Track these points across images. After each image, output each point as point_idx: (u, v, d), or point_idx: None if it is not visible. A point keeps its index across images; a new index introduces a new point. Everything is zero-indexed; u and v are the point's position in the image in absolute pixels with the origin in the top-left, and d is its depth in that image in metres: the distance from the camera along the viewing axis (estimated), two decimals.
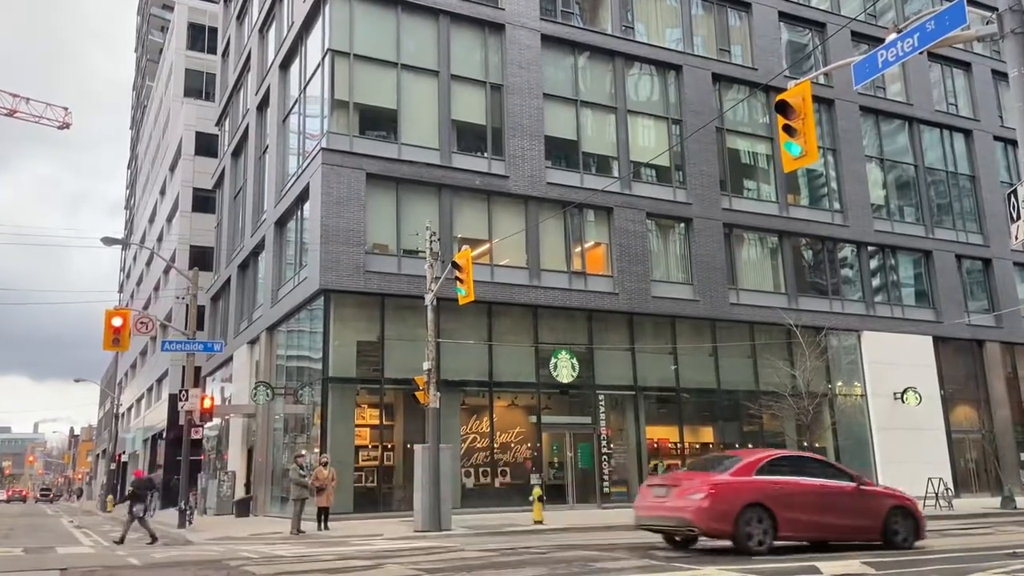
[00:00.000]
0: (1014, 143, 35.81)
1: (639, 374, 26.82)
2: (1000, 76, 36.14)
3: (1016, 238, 8.34)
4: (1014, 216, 8.32)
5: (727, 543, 12.25)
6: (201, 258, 41.40)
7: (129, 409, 63.44)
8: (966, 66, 36.36)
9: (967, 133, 35.62)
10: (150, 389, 53.20)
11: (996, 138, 36.09)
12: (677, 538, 13.07)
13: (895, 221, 33.01)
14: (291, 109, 28.75)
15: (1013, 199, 8.29)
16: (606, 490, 25.40)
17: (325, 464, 20.15)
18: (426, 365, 19.74)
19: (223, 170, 39.05)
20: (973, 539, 15.03)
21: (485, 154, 26.09)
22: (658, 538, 13.59)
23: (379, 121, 25.46)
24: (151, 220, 59.74)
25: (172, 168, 51.02)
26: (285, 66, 29.51)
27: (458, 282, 19.33)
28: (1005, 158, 36.62)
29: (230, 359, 34.08)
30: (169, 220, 50.61)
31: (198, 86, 51.82)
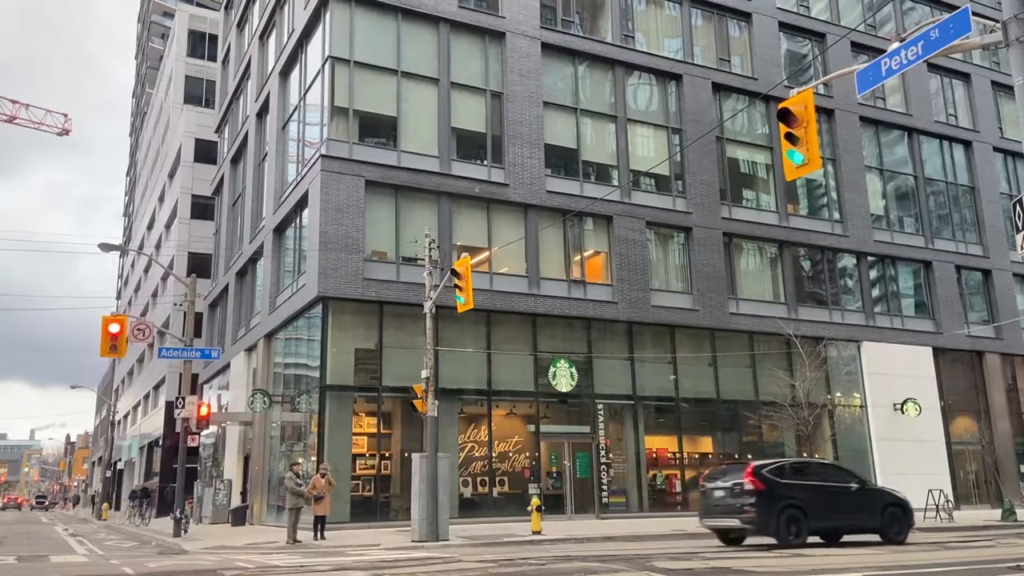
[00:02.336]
0: (1014, 154, 35.96)
1: (638, 383, 26.71)
2: (1000, 87, 36.21)
3: (1020, 247, 8.26)
4: (1019, 226, 8.24)
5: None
6: (199, 265, 41.29)
7: (126, 416, 63.21)
8: (966, 77, 36.40)
9: (967, 144, 35.63)
10: (147, 396, 53.01)
11: (996, 149, 36.10)
12: None
13: (895, 231, 32.97)
14: (291, 116, 28.71)
15: (1018, 208, 8.21)
16: (605, 500, 25.25)
17: (323, 473, 20.01)
18: (424, 373, 19.62)
19: (222, 177, 39.00)
20: (975, 552, 14.89)
21: (485, 162, 26.05)
22: (660, 549, 13.45)
23: (379, 128, 25.42)
24: (150, 227, 59.66)
25: (171, 175, 50.98)
26: (285, 73, 29.49)
27: (457, 290, 19.23)
28: (1005, 169, 36.64)
29: (227, 366, 33.94)
30: (168, 227, 50.55)
31: (198, 93, 51.82)
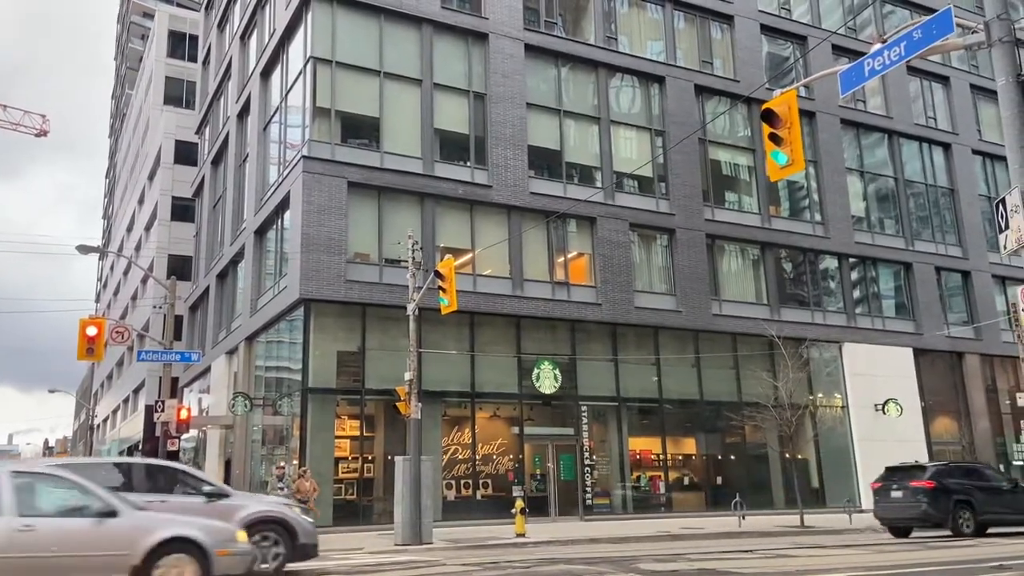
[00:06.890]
0: (992, 156, 36.29)
1: (622, 385, 26.70)
2: (978, 90, 36.57)
3: (1004, 247, 8.28)
4: (1002, 225, 8.26)
5: None
6: (179, 267, 40.92)
7: (105, 420, 62.52)
8: (945, 80, 36.71)
9: (946, 147, 35.92)
10: (126, 400, 52.45)
11: (975, 152, 36.44)
12: None
13: (875, 233, 33.20)
14: (272, 117, 28.49)
15: (1001, 208, 8.23)
16: (589, 502, 25.20)
17: (303, 474, 19.83)
18: (407, 375, 19.49)
19: (202, 179, 38.66)
20: (957, 551, 14.96)
21: (468, 163, 25.96)
22: (645, 551, 13.40)
23: (361, 129, 25.26)
24: (129, 229, 59.09)
25: (151, 176, 50.48)
26: (266, 74, 29.26)
27: (440, 292, 19.12)
28: (983, 171, 36.99)
29: (208, 369, 33.63)
30: (147, 229, 50.04)
31: (178, 94, 51.37)
